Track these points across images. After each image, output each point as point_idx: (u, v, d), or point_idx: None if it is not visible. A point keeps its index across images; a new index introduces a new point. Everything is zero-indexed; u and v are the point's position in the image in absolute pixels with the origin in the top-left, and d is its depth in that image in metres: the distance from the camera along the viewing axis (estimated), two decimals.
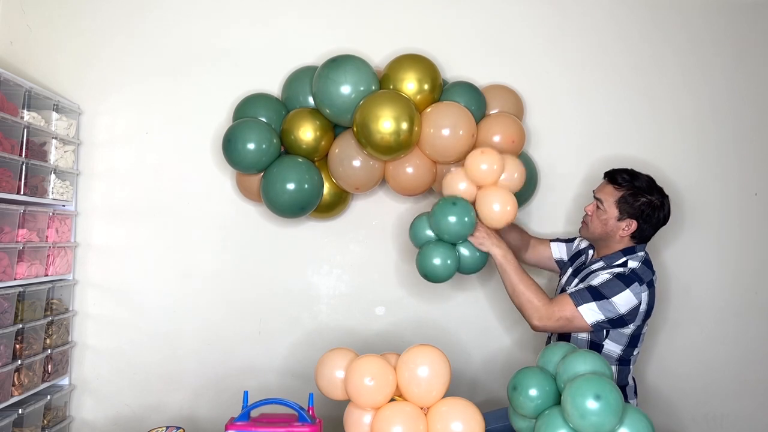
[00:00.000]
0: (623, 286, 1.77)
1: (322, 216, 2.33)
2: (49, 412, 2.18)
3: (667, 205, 1.89)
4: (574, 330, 1.83)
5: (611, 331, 1.83)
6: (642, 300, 1.78)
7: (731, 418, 2.40)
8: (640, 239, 1.90)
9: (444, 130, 2.07)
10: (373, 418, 1.53)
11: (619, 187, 1.88)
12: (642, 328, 1.86)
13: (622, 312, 1.76)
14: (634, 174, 1.90)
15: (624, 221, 1.87)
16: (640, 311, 1.79)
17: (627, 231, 1.87)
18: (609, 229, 1.89)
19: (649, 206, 1.85)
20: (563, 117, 2.40)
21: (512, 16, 2.42)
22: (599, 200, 1.91)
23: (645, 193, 1.86)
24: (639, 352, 1.92)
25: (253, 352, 2.39)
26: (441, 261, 1.90)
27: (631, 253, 1.88)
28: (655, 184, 1.90)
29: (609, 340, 1.84)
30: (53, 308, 2.22)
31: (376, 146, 2.04)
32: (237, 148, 2.10)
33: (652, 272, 1.84)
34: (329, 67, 2.11)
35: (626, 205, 1.86)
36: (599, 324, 1.77)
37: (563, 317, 1.78)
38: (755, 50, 2.44)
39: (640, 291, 1.78)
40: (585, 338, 1.87)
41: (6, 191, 1.93)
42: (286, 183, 2.10)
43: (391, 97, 2.06)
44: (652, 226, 1.88)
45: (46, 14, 2.40)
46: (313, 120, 2.15)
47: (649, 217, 1.86)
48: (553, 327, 1.81)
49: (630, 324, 1.80)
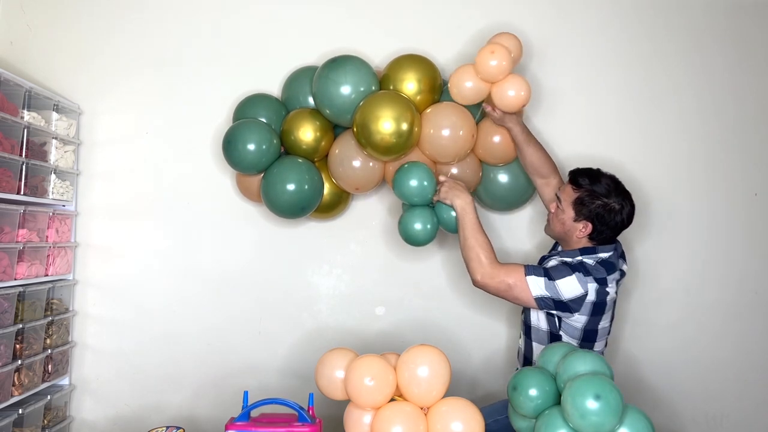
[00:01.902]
0: (569, 271, 1.79)
1: (323, 216, 2.33)
2: (49, 412, 2.18)
3: (627, 209, 1.87)
4: (511, 299, 1.83)
5: (563, 323, 1.84)
6: (589, 291, 1.78)
7: (731, 418, 2.40)
8: (600, 241, 1.90)
9: (444, 130, 2.07)
10: (373, 418, 1.53)
11: (578, 188, 1.89)
12: (597, 323, 1.84)
13: (564, 297, 1.77)
14: (595, 176, 1.89)
15: (580, 222, 1.88)
16: (587, 302, 1.78)
17: (584, 232, 1.88)
18: (567, 228, 1.91)
19: (604, 209, 1.85)
20: (563, 117, 2.40)
21: (513, 16, 2.42)
22: (559, 200, 1.94)
23: (602, 197, 1.85)
24: (605, 348, 1.93)
25: (253, 352, 2.39)
26: (421, 225, 2.01)
27: (590, 254, 1.88)
28: (618, 187, 1.89)
29: (563, 333, 1.85)
30: (53, 308, 2.22)
31: (376, 147, 2.04)
32: (237, 149, 2.10)
33: (608, 272, 1.82)
34: (329, 67, 2.11)
35: (582, 207, 1.87)
36: (543, 300, 1.78)
37: (505, 281, 1.80)
38: (758, 50, 2.43)
39: (586, 281, 1.78)
40: (545, 329, 1.87)
41: (6, 191, 1.94)
42: (286, 183, 2.10)
43: (391, 98, 2.06)
44: (610, 229, 1.87)
45: (46, 14, 2.40)
46: (313, 120, 2.15)
47: (605, 220, 1.86)
48: (492, 287, 1.83)
49: (575, 313, 1.80)
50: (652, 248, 2.41)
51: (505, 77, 1.95)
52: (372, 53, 2.31)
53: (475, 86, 1.98)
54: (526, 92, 1.94)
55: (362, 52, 2.25)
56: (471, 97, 2.02)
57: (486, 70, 1.93)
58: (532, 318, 1.90)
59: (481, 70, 1.95)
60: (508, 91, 1.94)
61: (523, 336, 1.97)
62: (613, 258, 1.88)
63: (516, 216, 2.39)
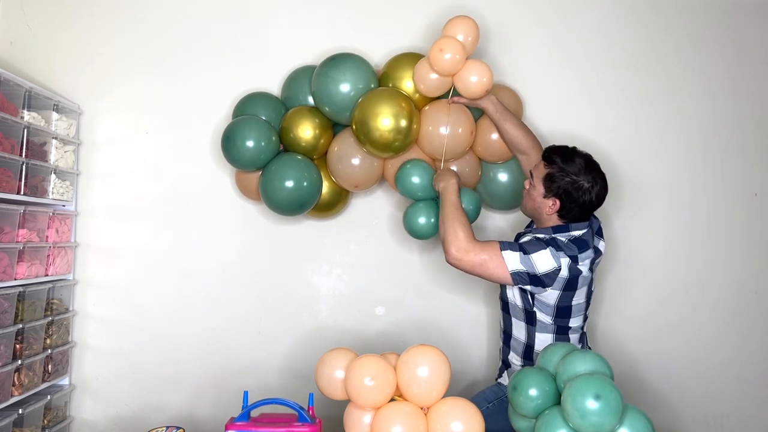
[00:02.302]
0: (543, 246, 1.80)
1: (322, 215, 2.33)
2: (49, 412, 2.18)
3: (597, 189, 1.86)
4: (485, 275, 1.83)
5: (536, 301, 1.85)
6: (562, 266, 1.79)
7: (731, 418, 2.40)
8: (571, 219, 1.89)
9: (443, 127, 2.07)
10: (373, 418, 1.53)
11: (549, 165, 1.89)
12: (570, 299, 1.85)
13: (539, 271, 1.78)
14: (568, 153, 1.89)
15: (550, 199, 1.88)
16: (560, 277, 1.79)
17: (552, 209, 1.88)
18: (537, 205, 1.92)
19: (573, 186, 1.84)
20: (562, 116, 2.40)
21: (512, 15, 2.42)
22: (531, 176, 1.94)
23: (572, 174, 1.85)
24: (584, 323, 1.94)
25: (253, 352, 2.39)
26: (425, 219, 2.09)
27: (563, 231, 1.88)
28: (590, 166, 1.87)
29: (537, 310, 1.86)
30: (53, 308, 2.22)
31: (375, 143, 2.04)
32: (236, 145, 2.10)
33: (580, 250, 1.83)
34: (328, 65, 2.11)
35: (551, 183, 1.87)
36: (518, 275, 1.79)
37: (479, 256, 1.81)
38: (758, 50, 2.43)
39: (558, 256, 1.79)
40: (521, 306, 1.89)
41: (6, 191, 1.93)
42: (284, 180, 2.10)
43: (390, 95, 2.06)
44: (579, 207, 1.86)
45: (46, 14, 2.40)
46: (312, 118, 2.15)
47: (573, 198, 1.85)
48: (467, 262, 1.83)
49: (548, 288, 1.80)
50: (651, 248, 2.41)
51: (463, 66, 1.97)
52: (371, 52, 2.31)
53: (438, 79, 2.01)
54: (488, 77, 1.98)
55: (362, 51, 2.25)
56: (436, 90, 2.06)
57: (441, 66, 1.96)
58: (508, 294, 1.93)
59: (436, 67, 1.97)
60: (471, 77, 1.98)
61: (502, 312, 2.00)
62: (586, 236, 1.88)
63: (516, 215, 2.39)
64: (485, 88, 2.00)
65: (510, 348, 1.98)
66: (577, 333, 1.92)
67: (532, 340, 1.90)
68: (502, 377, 2.03)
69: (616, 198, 2.37)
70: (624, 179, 2.38)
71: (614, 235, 2.39)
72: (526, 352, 1.92)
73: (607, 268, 2.37)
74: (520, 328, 1.93)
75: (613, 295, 2.40)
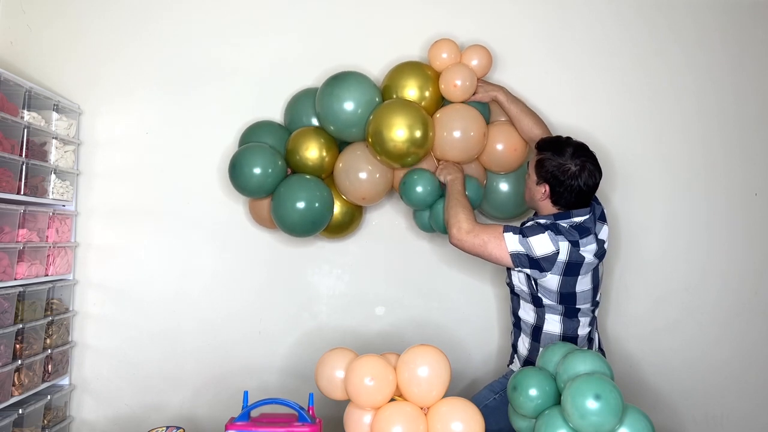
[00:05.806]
0: (542, 230, 1.82)
1: (335, 236, 2.32)
2: (49, 412, 2.18)
3: (586, 174, 1.85)
4: (486, 256, 1.85)
5: (539, 286, 1.86)
6: (560, 250, 1.79)
7: (731, 418, 2.40)
8: (564, 205, 1.89)
9: (455, 132, 2.09)
10: (373, 418, 1.53)
11: (539, 152, 1.92)
12: (573, 285, 1.85)
13: (536, 254, 1.79)
14: (560, 141, 1.91)
15: (541, 185, 1.90)
16: (558, 261, 1.80)
17: (545, 195, 1.89)
18: (532, 194, 1.94)
19: (559, 170, 1.85)
20: (564, 118, 2.39)
21: (512, 16, 2.42)
22: (528, 165, 1.97)
23: (559, 158, 1.86)
24: (596, 309, 1.95)
25: (253, 352, 2.39)
26: (422, 188, 2.12)
27: (564, 218, 1.88)
28: (581, 151, 1.87)
29: (542, 296, 1.87)
30: (53, 308, 2.22)
31: (390, 154, 2.06)
32: (243, 173, 2.11)
33: (581, 235, 1.83)
34: (332, 84, 2.13)
35: (540, 169, 1.89)
36: (518, 256, 1.80)
37: (481, 236, 1.84)
38: (760, 49, 2.43)
39: (557, 239, 1.80)
40: (527, 291, 1.90)
41: (6, 191, 1.94)
42: (295, 202, 2.11)
43: (404, 106, 2.07)
44: (569, 192, 1.86)
45: (46, 14, 2.41)
46: (317, 138, 2.17)
47: (560, 182, 1.85)
48: (468, 243, 1.85)
49: (547, 272, 1.81)
50: (651, 248, 2.41)
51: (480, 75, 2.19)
52: (369, 66, 2.32)
53: None
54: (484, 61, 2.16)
55: (359, 66, 2.27)
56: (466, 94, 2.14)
57: (457, 90, 2.13)
58: (514, 280, 1.95)
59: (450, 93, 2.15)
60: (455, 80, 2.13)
61: (510, 294, 2.02)
62: (588, 222, 1.88)
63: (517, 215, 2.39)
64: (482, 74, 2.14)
65: (520, 330, 1.98)
66: (587, 316, 1.92)
67: (542, 321, 1.91)
68: (513, 363, 2.03)
69: (616, 197, 2.37)
70: (624, 179, 2.39)
71: (614, 235, 2.38)
72: (534, 333, 1.93)
73: (607, 267, 2.36)
74: (528, 309, 1.94)
75: (613, 294, 2.40)
